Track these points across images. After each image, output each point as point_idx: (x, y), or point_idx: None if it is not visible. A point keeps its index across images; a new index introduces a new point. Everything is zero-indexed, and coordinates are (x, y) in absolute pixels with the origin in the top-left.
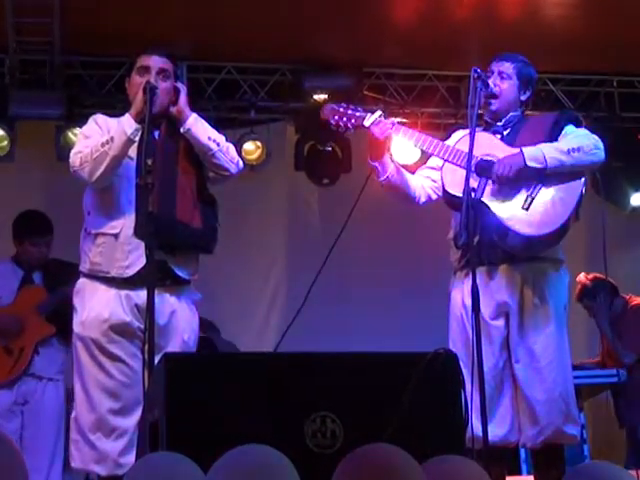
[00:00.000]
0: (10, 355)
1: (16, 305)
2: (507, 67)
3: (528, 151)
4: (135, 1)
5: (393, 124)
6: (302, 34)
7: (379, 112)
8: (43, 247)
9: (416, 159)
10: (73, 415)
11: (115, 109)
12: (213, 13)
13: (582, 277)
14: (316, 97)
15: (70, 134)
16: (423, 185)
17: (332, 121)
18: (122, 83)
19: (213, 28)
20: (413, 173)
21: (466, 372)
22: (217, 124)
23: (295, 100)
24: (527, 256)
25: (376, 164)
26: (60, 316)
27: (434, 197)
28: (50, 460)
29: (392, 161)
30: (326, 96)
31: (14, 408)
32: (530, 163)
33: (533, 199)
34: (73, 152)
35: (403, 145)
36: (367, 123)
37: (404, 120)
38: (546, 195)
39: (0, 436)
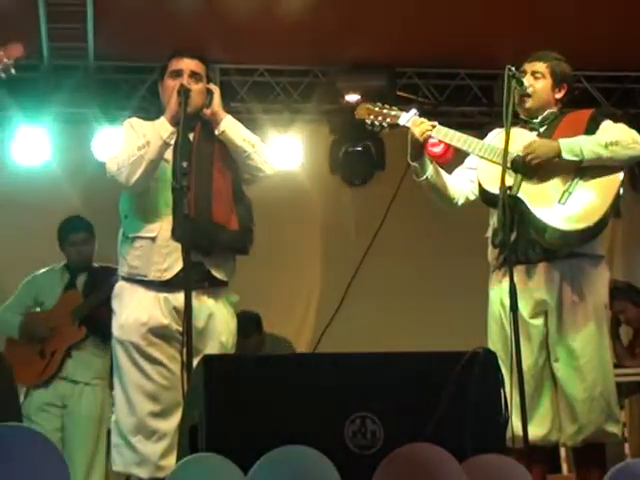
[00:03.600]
0: (43, 358)
1: (55, 310)
2: (540, 67)
3: (565, 142)
4: (167, 6)
5: (432, 124)
6: (335, 35)
7: (414, 111)
8: (81, 246)
9: None
10: (114, 418)
11: (149, 113)
12: (245, 16)
13: None
14: (348, 98)
15: (106, 139)
16: (462, 186)
17: (367, 120)
18: (155, 87)
19: (245, 31)
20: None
21: (505, 371)
22: (251, 126)
23: (328, 101)
24: (565, 253)
25: (416, 164)
26: (93, 321)
27: (472, 198)
28: (89, 464)
29: (431, 161)
30: (359, 97)
31: (50, 409)
32: (566, 154)
33: (570, 194)
34: (109, 157)
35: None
36: (402, 122)
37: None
38: (583, 190)
39: (45, 440)
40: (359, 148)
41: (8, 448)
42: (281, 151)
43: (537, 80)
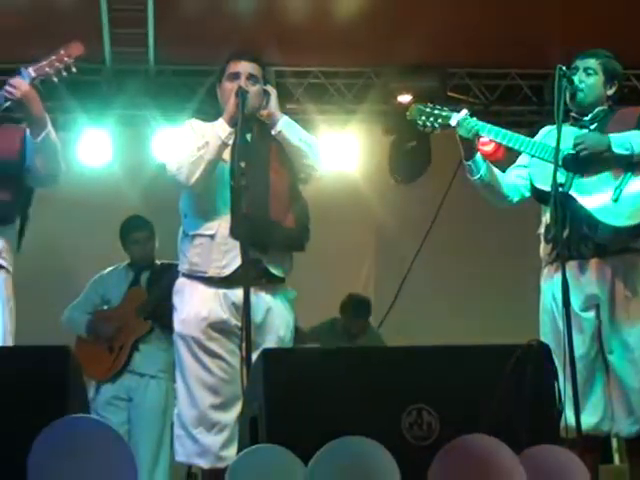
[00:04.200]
0: (111, 353)
1: (121, 307)
2: (592, 63)
3: (615, 136)
4: (225, 11)
5: (483, 124)
6: (388, 37)
7: (465, 111)
8: (143, 244)
9: None
10: (176, 411)
11: (207, 115)
12: (300, 19)
13: None
14: (401, 99)
15: (165, 140)
16: (515, 183)
17: (419, 121)
18: (213, 90)
19: (300, 34)
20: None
21: (557, 363)
22: (306, 127)
23: (381, 102)
24: (618, 248)
25: (469, 163)
26: (158, 316)
27: (527, 195)
28: (155, 454)
29: (484, 160)
30: (411, 97)
31: (117, 402)
32: (616, 149)
33: (622, 190)
34: (170, 157)
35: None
36: (453, 122)
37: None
38: (635, 185)
39: (112, 431)
40: (413, 147)
41: (77, 439)
42: (336, 151)
43: (589, 76)
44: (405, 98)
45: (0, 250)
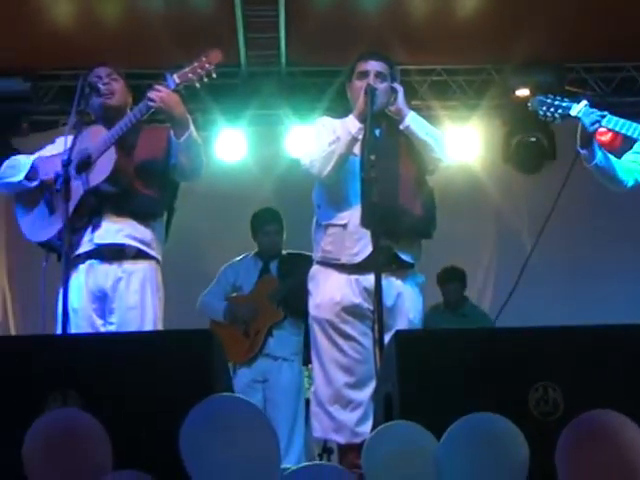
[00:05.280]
0: (247, 338)
1: (253, 294)
2: None
3: None
4: (352, 13)
5: (602, 114)
6: (507, 35)
7: (585, 102)
8: (273, 236)
9: None
10: (312, 389)
11: (336, 113)
12: (423, 19)
13: None
14: (519, 93)
15: (297, 137)
16: (630, 168)
17: (540, 112)
18: (342, 89)
19: (424, 34)
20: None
21: None
22: (430, 122)
23: (501, 97)
24: None
25: (585, 151)
26: (289, 303)
27: None
28: (290, 432)
29: (600, 148)
30: (528, 91)
31: (255, 385)
32: None
33: None
34: (303, 152)
35: None
36: (573, 113)
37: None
38: None
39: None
40: (531, 139)
41: (224, 417)
42: (458, 144)
43: None
44: (523, 92)
45: (149, 242)
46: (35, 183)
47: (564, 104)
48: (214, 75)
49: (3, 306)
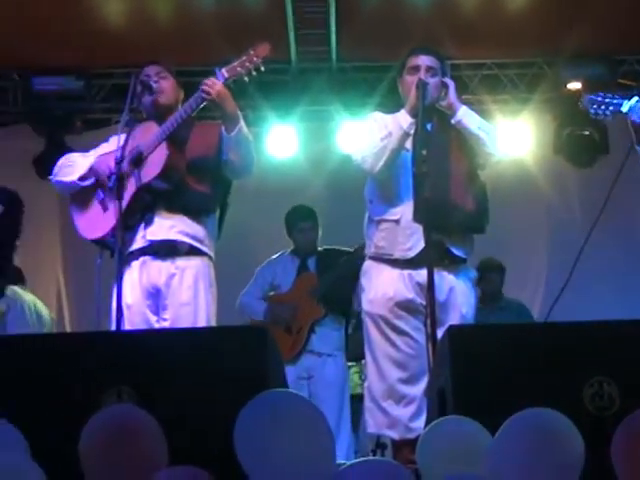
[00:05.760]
0: (290, 335)
1: (293, 291)
2: None
3: None
4: (402, 9)
5: None
6: (557, 28)
7: (636, 98)
8: (308, 232)
9: None
10: (366, 384)
11: (387, 109)
12: (473, 14)
13: None
14: (571, 86)
15: (348, 133)
16: None
17: (591, 110)
18: (392, 84)
19: (474, 28)
20: None
21: None
22: (481, 116)
23: (552, 90)
24: None
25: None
26: (329, 299)
27: None
28: (336, 426)
29: None
30: (580, 85)
31: (300, 382)
32: None
33: None
34: (355, 148)
35: None
36: (625, 109)
37: None
38: None
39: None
40: (583, 133)
41: (279, 413)
42: (509, 138)
43: None
44: (575, 86)
45: (202, 238)
46: (88, 182)
47: (615, 101)
48: (262, 69)
49: (58, 303)
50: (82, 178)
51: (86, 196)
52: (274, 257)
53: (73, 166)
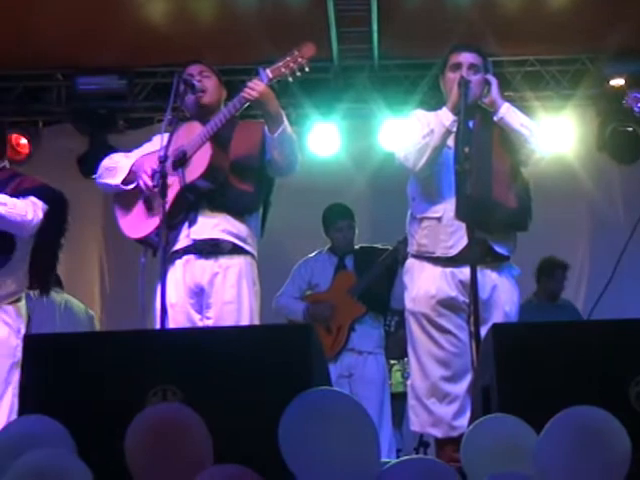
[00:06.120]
0: (330, 334)
1: (332, 290)
2: None
3: None
4: (443, 5)
5: None
6: (600, 24)
7: None
8: (346, 231)
9: None
10: (409, 382)
11: (429, 106)
12: (516, 10)
13: None
14: (614, 82)
15: (390, 130)
16: None
17: (636, 108)
18: (434, 81)
19: (516, 24)
20: None
21: None
22: (524, 113)
23: (595, 86)
24: None
25: None
26: (369, 297)
27: None
28: (378, 424)
29: None
30: (623, 81)
31: (341, 381)
32: None
33: None
34: (398, 146)
35: None
36: None
37: None
38: None
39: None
40: (627, 129)
41: (324, 411)
42: (552, 134)
43: None
44: (618, 82)
45: (245, 237)
46: (131, 186)
47: None
48: (307, 69)
49: (102, 302)
50: (125, 181)
51: (130, 196)
52: (311, 256)
53: (117, 167)
